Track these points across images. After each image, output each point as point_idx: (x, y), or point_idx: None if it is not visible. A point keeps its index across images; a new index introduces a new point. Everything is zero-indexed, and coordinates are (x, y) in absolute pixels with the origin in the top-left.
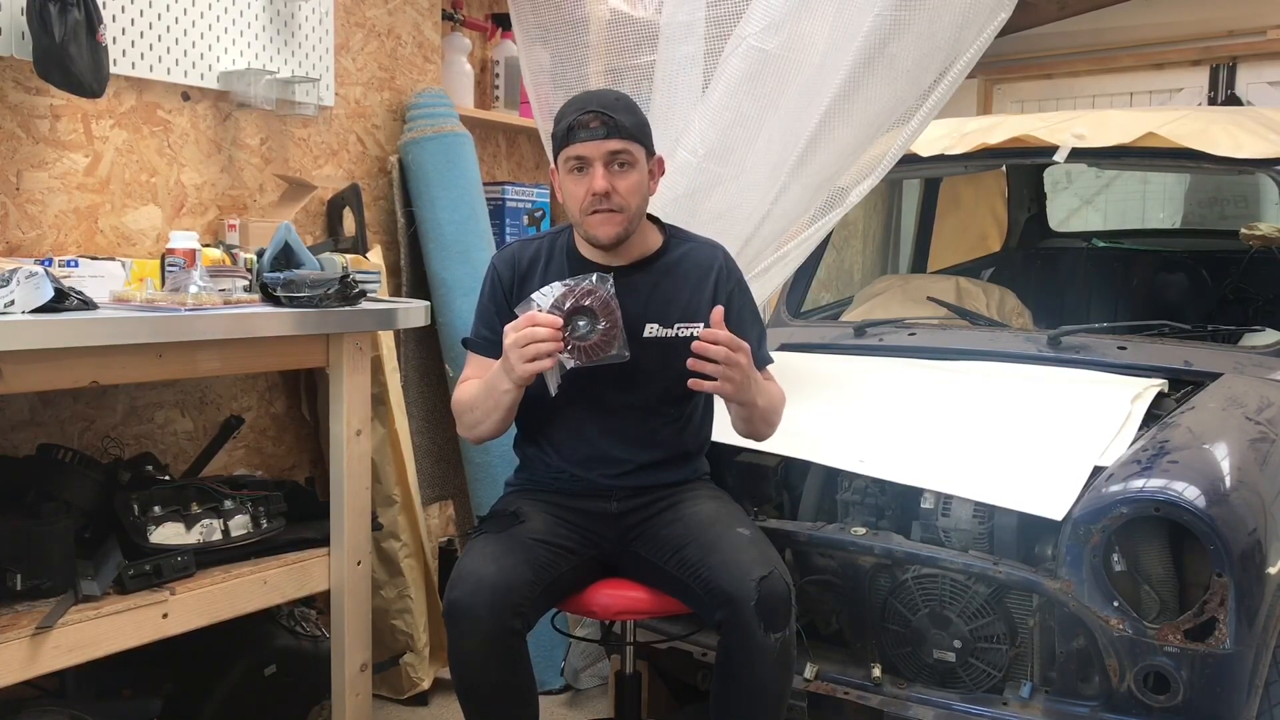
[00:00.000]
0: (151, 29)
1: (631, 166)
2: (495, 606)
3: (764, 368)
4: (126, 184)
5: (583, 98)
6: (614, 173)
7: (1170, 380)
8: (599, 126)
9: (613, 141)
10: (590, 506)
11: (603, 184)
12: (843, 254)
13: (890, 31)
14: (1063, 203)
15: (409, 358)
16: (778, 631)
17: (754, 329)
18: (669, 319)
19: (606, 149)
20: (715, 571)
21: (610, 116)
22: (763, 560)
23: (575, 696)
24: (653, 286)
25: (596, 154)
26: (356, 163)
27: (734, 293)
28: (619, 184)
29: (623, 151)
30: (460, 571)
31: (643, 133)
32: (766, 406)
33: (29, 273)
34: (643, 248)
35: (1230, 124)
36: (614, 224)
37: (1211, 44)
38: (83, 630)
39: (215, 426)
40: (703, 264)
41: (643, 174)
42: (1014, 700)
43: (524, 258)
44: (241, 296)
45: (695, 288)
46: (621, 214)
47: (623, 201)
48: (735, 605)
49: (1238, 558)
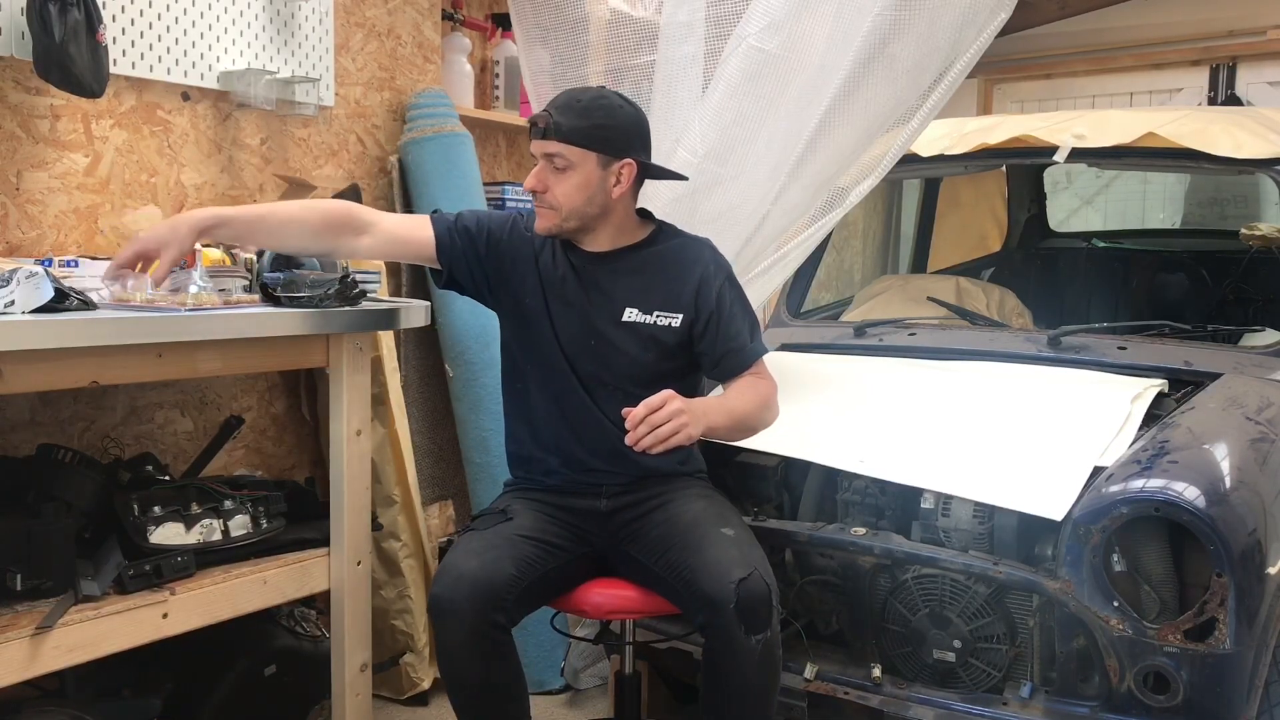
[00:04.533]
0: (151, 29)
1: (567, 169)
2: (475, 600)
3: (757, 360)
4: (126, 184)
5: (560, 94)
6: (551, 172)
7: (1170, 380)
8: (541, 126)
9: (548, 143)
10: (580, 504)
11: (531, 181)
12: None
13: (890, 31)
14: (1063, 203)
15: (409, 358)
16: (759, 633)
17: (745, 320)
18: (649, 307)
19: (544, 149)
20: (697, 574)
21: (555, 119)
22: (743, 561)
23: (575, 696)
24: (634, 272)
25: (537, 151)
26: (356, 163)
27: (723, 288)
28: (553, 183)
29: (556, 155)
30: (443, 567)
31: (588, 137)
32: (735, 424)
33: (29, 273)
34: (628, 238)
35: (1230, 124)
36: (544, 219)
37: (1211, 44)
38: (83, 630)
39: (215, 426)
40: (689, 257)
41: (585, 176)
42: (1014, 700)
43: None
44: (241, 296)
45: (679, 278)
46: (553, 211)
47: (553, 200)
48: (715, 608)
49: (1238, 558)
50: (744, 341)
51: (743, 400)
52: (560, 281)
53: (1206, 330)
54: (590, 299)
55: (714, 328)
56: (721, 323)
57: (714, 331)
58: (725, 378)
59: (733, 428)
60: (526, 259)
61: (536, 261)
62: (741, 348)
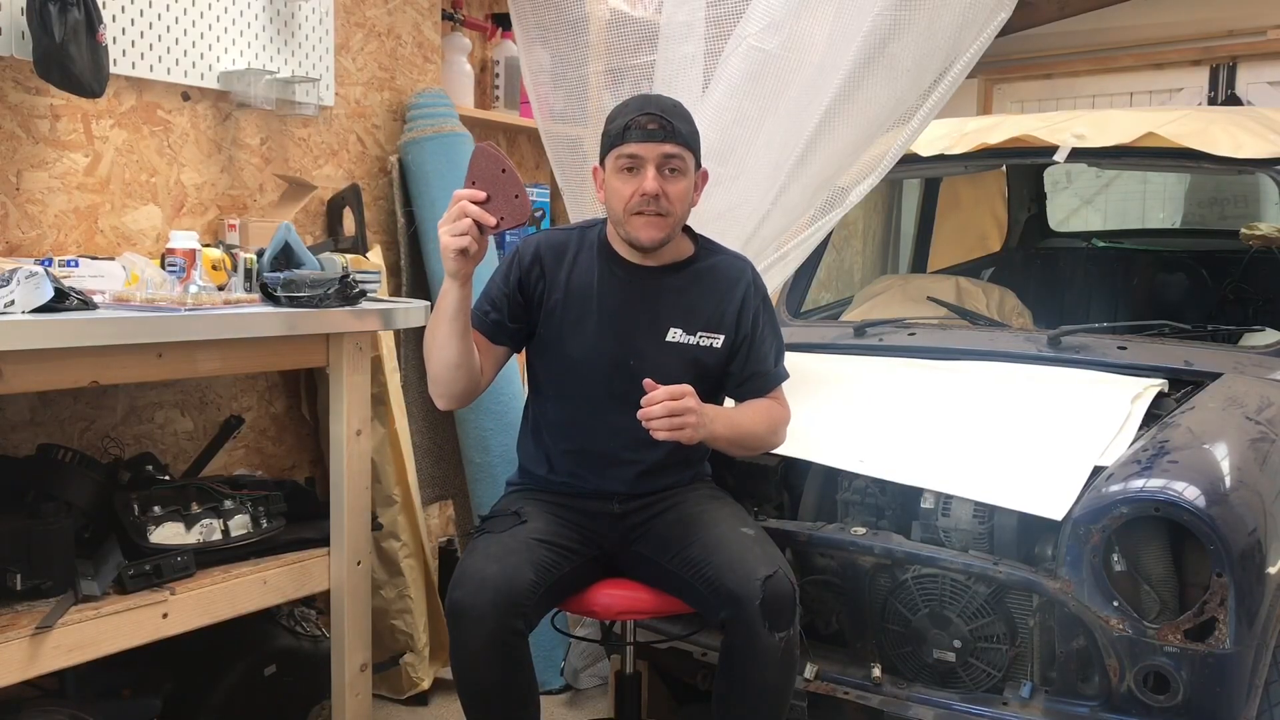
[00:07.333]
0: (151, 29)
1: (682, 173)
2: (498, 606)
3: (777, 385)
4: (126, 184)
5: (641, 99)
6: (665, 177)
7: (1170, 380)
8: (656, 129)
9: (668, 145)
10: (592, 507)
11: (654, 185)
12: (843, 254)
13: (890, 31)
14: (1063, 203)
15: (409, 358)
16: (782, 631)
17: (772, 345)
18: (693, 326)
19: (661, 151)
20: (720, 571)
21: (668, 120)
22: (767, 560)
23: (575, 696)
24: (680, 292)
25: (650, 155)
26: (356, 163)
27: (760, 308)
28: (668, 188)
29: (675, 156)
30: (463, 571)
31: (695, 142)
32: (736, 439)
33: (29, 273)
34: (675, 253)
35: (1230, 124)
36: (657, 227)
37: (1211, 44)
38: (83, 630)
39: (215, 426)
40: (731, 276)
41: (690, 182)
42: (1014, 700)
43: (550, 246)
44: (241, 296)
45: (722, 299)
46: (667, 218)
47: (670, 206)
48: (740, 604)
49: (1238, 558)
50: (769, 366)
51: (750, 419)
52: (599, 295)
53: (1206, 330)
54: (634, 316)
55: (745, 349)
56: (754, 345)
57: (745, 353)
58: (744, 398)
59: (732, 442)
60: (554, 279)
61: (569, 277)
62: (767, 372)
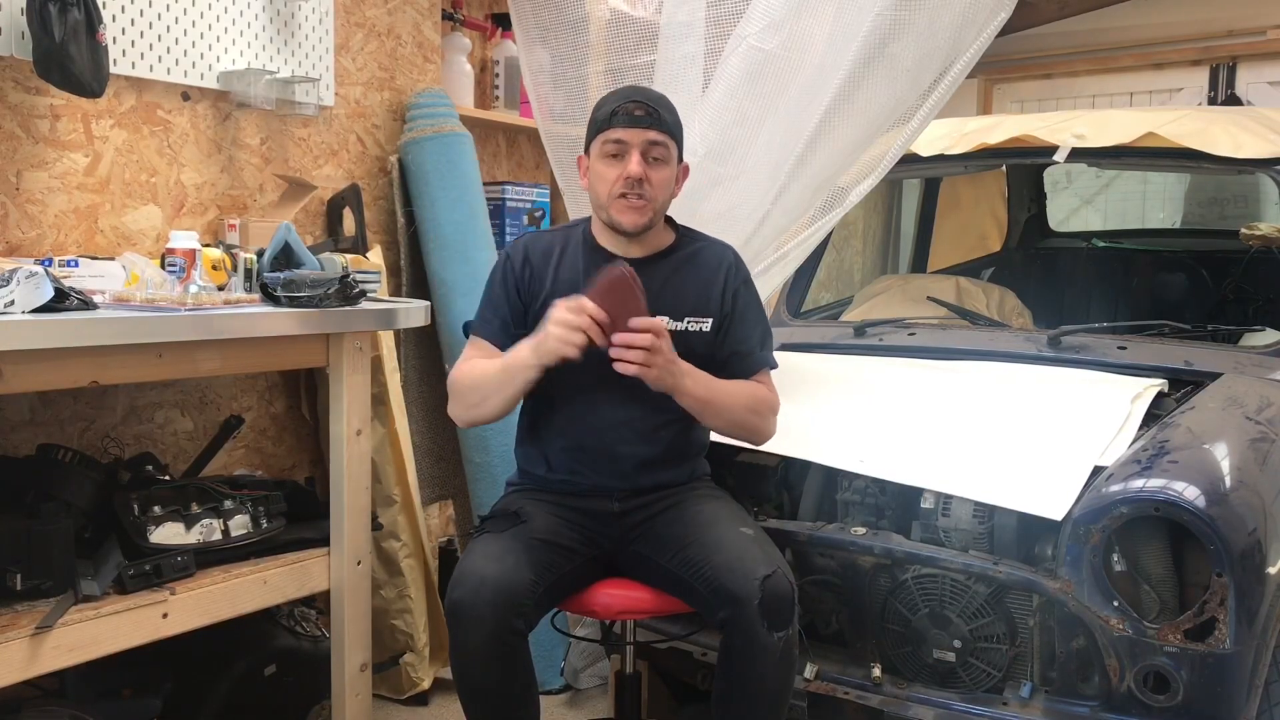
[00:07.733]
0: (151, 29)
1: (665, 162)
2: (498, 606)
3: (763, 369)
4: (126, 184)
5: (628, 89)
6: (649, 164)
7: (1170, 380)
8: (643, 115)
9: (653, 132)
10: (591, 506)
11: (638, 169)
12: (843, 254)
13: (890, 31)
14: (1063, 203)
15: (409, 358)
16: (780, 630)
17: (757, 328)
18: (680, 313)
19: (646, 138)
20: (719, 570)
21: (654, 108)
22: (766, 560)
23: (575, 696)
24: (664, 281)
25: (636, 140)
26: (356, 163)
27: (740, 290)
28: (652, 175)
29: (660, 144)
30: (462, 571)
31: (679, 133)
32: (708, 400)
33: (29, 273)
34: (658, 242)
35: (1230, 124)
36: (640, 212)
37: (1211, 44)
38: (83, 630)
39: (215, 426)
40: (713, 262)
41: (673, 172)
42: (1014, 700)
43: (537, 248)
44: (241, 296)
45: (707, 284)
46: (649, 204)
47: (652, 192)
48: (739, 604)
49: (1238, 558)
50: (752, 347)
51: (727, 389)
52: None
53: (1206, 330)
54: None
55: (726, 328)
56: (734, 324)
57: (725, 331)
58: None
59: (704, 403)
60: (543, 278)
61: (556, 274)
62: (749, 353)
